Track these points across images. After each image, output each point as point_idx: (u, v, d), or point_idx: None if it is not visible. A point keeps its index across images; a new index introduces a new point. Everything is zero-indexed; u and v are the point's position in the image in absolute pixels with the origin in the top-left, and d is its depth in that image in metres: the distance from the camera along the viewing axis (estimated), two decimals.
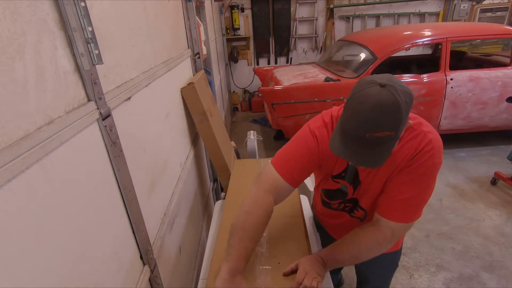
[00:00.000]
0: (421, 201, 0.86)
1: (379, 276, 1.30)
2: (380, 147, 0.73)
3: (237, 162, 1.63)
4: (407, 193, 0.84)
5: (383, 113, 0.69)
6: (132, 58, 0.97)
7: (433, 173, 0.84)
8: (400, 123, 0.70)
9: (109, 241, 0.75)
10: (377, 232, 0.87)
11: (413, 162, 0.83)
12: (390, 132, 0.70)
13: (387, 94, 0.69)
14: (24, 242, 0.48)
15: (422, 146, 0.82)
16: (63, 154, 0.58)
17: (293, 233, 1.08)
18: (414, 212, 0.86)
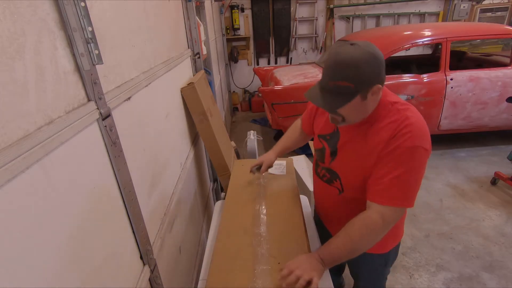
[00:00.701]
0: (405, 183, 0.85)
1: (368, 278, 1.30)
2: (338, 96, 0.83)
3: (237, 162, 1.63)
4: (390, 174, 0.86)
5: (344, 64, 0.80)
6: (132, 58, 0.97)
7: (413, 156, 0.84)
8: (358, 77, 0.80)
9: (109, 241, 0.75)
10: (367, 219, 0.88)
11: (391, 144, 0.86)
12: (349, 84, 0.81)
13: (351, 50, 0.80)
14: (24, 242, 0.48)
15: (400, 128, 0.85)
16: (63, 154, 0.58)
17: (293, 233, 1.08)
18: (400, 195, 0.86)
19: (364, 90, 0.83)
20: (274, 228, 1.10)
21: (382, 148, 0.87)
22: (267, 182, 1.38)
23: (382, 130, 0.89)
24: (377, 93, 0.87)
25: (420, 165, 0.85)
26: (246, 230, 1.09)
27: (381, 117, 0.91)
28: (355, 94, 0.82)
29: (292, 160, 1.58)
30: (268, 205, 1.23)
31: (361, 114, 0.91)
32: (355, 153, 0.96)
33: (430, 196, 2.72)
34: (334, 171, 1.05)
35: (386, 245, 1.15)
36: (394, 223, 0.89)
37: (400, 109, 0.89)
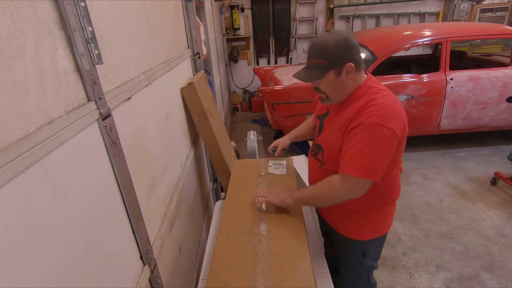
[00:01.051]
0: (364, 156, 0.95)
1: (346, 265, 1.34)
2: (315, 71, 1.02)
3: (237, 162, 1.63)
4: (352, 148, 0.97)
5: (318, 45, 1.01)
6: (132, 58, 0.97)
7: (373, 132, 0.94)
8: (329, 55, 0.98)
9: (109, 241, 0.75)
10: (332, 178, 1.03)
11: (355, 121, 0.98)
12: (322, 60, 0.99)
13: (325, 35, 1.00)
14: (24, 242, 0.48)
15: (365, 107, 0.98)
16: (63, 154, 0.58)
17: (293, 233, 1.08)
18: (359, 166, 0.95)
19: (337, 66, 0.99)
20: (274, 227, 1.10)
21: (348, 124, 1.00)
22: (267, 182, 1.39)
23: (354, 107, 1.01)
24: (352, 72, 1.01)
25: (382, 142, 0.95)
26: (246, 230, 1.09)
27: (357, 98, 1.03)
28: (329, 69, 0.99)
29: (292, 160, 1.58)
30: (268, 204, 1.23)
31: (340, 91, 1.05)
32: (333, 128, 1.09)
33: (430, 196, 2.72)
34: (319, 145, 1.18)
35: (363, 233, 1.20)
36: (355, 193, 1.00)
37: (374, 92, 1.01)
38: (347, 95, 1.06)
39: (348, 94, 1.06)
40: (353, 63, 0.99)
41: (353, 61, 0.99)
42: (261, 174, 1.45)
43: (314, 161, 1.23)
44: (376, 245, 1.26)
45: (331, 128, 1.10)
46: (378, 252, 1.30)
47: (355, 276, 1.33)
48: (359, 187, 0.99)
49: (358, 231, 1.21)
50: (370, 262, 1.29)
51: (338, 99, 1.07)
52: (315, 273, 0.95)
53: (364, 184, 0.98)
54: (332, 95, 1.06)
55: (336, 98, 1.07)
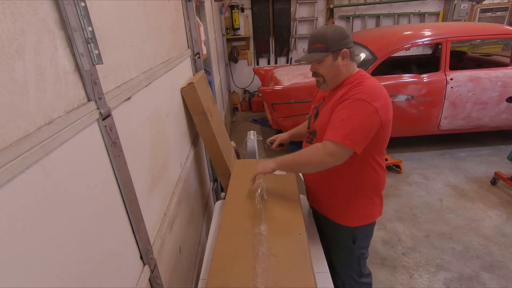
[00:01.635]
0: (348, 125, 1.05)
1: (337, 251, 1.37)
2: (315, 53, 1.16)
3: (237, 162, 1.63)
4: (337, 118, 1.08)
5: (318, 33, 1.16)
6: (132, 58, 0.97)
7: (358, 105, 1.05)
8: (327, 40, 1.12)
9: (109, 241, 0.75)
10: (315, 144, 1.14)
11: (343, 98, 1.10)
12: (321, 45, 1.14)
13: (323, 26, 1.19)
14: (24, 242, 0.48)
15: (352, 87, 1.11)
16: (63, 154, 0.58)
17: (293, 233, 1.08)
18: (342, 133, 1.04)
19: (334, 51, 1.13)
20: (274, 227, 1.10)
21: (338, 101, 1.11)
22: (267, 182, 1.38)
23: (344, 89, 1.13)
24: (347, 58, 1.15)
25: (365, 115, 1.05)
26: (246, 230, 1.09)
27: (349, 84, 1.15)
28: (327, 51, 1.13)
29: None
30: (268, 204, 1.23)
31: (336, 75, 1.17)
32: (326, 109, 1.20)
33: (430, 196, 2.72)
34: (314, 130, 1.27)
35: (352, 219, 1.26)
36: (334, 158, 1.07)
37: (364, 79, 1.14)
38: (341, 80, 1.18)
39: (342, 80, 1.18)
40: (348, 50, 1.14)
41: (348, 48, 1.14)
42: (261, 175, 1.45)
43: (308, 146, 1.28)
44: (365, 233, 1.32)
45: (325, 111, 1.20)
46: (367, 241, 1.36)
47: (347, 264, 1.38)
48: (339, 153, 1.06)
49: (348, 217, 1.27)
50: (360, 250, 1.34)
51: (333, 83, 1.19)
52: (315, 273, 0.95)
53: (344, 151, 1.06)
54: (329, 78, 1.18)
55: (331, 82, 1.19)
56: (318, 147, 1.10)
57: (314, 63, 1.19)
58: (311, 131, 1.31)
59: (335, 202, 1.28)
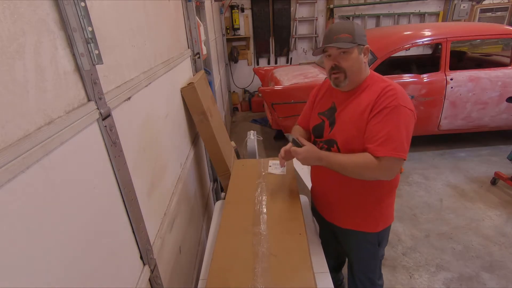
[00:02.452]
0: (396, 137, 1.01)
1: (361, 257, 1.34)
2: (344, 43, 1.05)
3: (237, 162, 1.63)
4: (382, 131, 1.02)
5: (342, 24, 1.08)
6: (132, 58, 0.97)
7: (400, 113, 1.01)
8: (353, 30, 1.05)
9: (109, 241, 0.75)
10: (366, 157, 1.05)
11: (379, 105, 1.03)
12: (349, 35, 1.05)
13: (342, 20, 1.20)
14: (24, 242, 0.48)
15: (385, 91, 1.04)
16: (63, 154, 0.58)
17: (293, 233, 1.08)
18: (392, 146, 1.00)
19: (359, 43, 1.06)
20: (274, 227, 1.10)
21: (371, 109, 1.05)
22: (267, 181, 1.39)
23: (370, 93, 1.08)
24: (367, 54, 1.10)
25: (407, 121, 1.02)
26: (246, 230, 1.09)
27: (369, 86, 1.10)
28: (354, 43, 1.05)
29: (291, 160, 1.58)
30: (268, 204, 1.23)
31: (358, 72, 1.10)
32: (350, 116, 1.12)
33: (430, 196, 2.72)
34: (332, 139, 1.18)
35: (378, 225, 1.23)
36: (391, 173, 1.04)
37: (385, 80, 1.10)
38: (360, 79, 1.11)
39: (360, 80, 1.11)
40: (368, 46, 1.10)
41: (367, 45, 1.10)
42: (261, 174, 1.45)
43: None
44: (386, 232, 1.30)
45: (347, 118, 1.12)
46: (387, 239, 1.34)
47: (371, 268, 1.35)
48: (396, 167, 1.03)
49: (373, 224, 1.22)
50: (382, 250, 1.33)
51: (354, 81, 1.11)
52: (315, 273, 0.95)
53: (398, 163, 1.03)
54: (351, 73, 1.09)
55: (353, 78, 1.10)
56: (373, 164, 1.02)
57: (337, 55, 1.07)
58: (325, 140, 1.20)
59: (362, 213, 1.21)
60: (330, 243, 1.53)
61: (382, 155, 1.01)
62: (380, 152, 1.01)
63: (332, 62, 1.10)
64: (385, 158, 1.01)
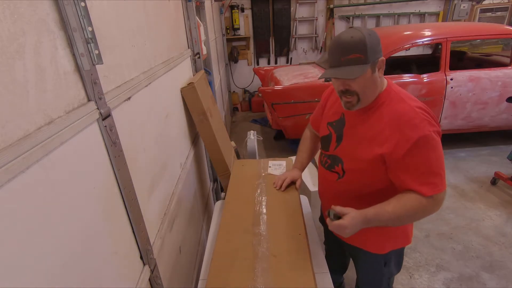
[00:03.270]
0: (435, 170, 0.91)
1: (366, 273, 1.31)
2: (354, 66, 0.90)
3: (237, 162, 1.63)
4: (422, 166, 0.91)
5: (351, 40, 0.89)
6: (132, 58, 0.97)
7: (433, 142, 0.90)
8: (365, 47, 0.88)
9: (109, 241, 0.75)
10: (414, 199, 0.93)
11: (408, 140, 0.90)
12: (360, 55, 0.89)
13: (352, 30, 0.91)
14: (24, 242, 0.48)
15: (406, 118, 0.92)
16: (63, 154, 0.58)
17: (293, 233, 1.08)
18: (437, 181, 0.91)
19: (372, 61, 0.91)
20: (274, 227, 1.10)
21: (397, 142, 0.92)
22: (267, 182, 1.39)
23: (385, 116, 0.96)
24: (382, 67, 0.95)
25: (439, 147, 0.92)
26: (246, 230, 1.09)
27: (385, 103, 0.97)
28: (367, 63, 0.90)
29: (291, 160, 1.58)
30: (268, 205, 1.23)
31: (373, 91, 0.97)
32: (360, 137, 1.01)
33: None
34: (337, 156, 1.09)
35: (384, 246, 1.16)
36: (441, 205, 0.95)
37: (404, 100, 0.96)
38: (374, 97, 0.98)
39: (374, 96, 0.98)
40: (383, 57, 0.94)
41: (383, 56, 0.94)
42: (261, 175, 1.45)
43: (328, 174, 1.14)
44: (397, 254, 1.22)
45: (357, 139, 1.02)
46: (400, 260, 1.25)
47: (375, 284, 1.29)
48: (443, 200, 0.95)
49: (378, 245, 1.16)
50: (392, 270, 1.25)
51: (368, 101, 0.99)
52: (315, 273, 0.95)
53: (445, 195, 0.95)
54: (365, 96, 0.96)
55: (367, 100, 0.98)
56: (428, 205, 0.92)
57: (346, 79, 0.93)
58: (330, 155, 1.12)
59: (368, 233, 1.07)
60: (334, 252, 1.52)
61: (431, 194, 0.91)
62: (428, 191, 0.91)
63: (342, 86, 0.96)
64: (435, 196, 0.92)
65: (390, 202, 0.95)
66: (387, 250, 1.16)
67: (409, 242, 1.17)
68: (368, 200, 1.02)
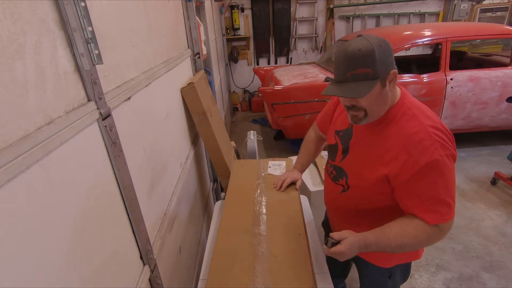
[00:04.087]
0: (445, 198, 0.85)
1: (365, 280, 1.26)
2: (360, 84, 0.82)
3: (237, 162, 1.63)
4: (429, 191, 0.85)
5: (358, 53, 0.80)
6: (132, 58, 0.97)
7: (444, 168, 0.82)
8: (375, 62, 0.80)
9: (109, 241, 0.75)
10: (427, 226, 0.87)
11: (415, 163, 0.83)
12: (368, 70, 0.81)
13: (360, 40, 0.82)
14: (24, 242, 0.48)
15: (416, 139, 0.84)
16: (63, 154, 0.58)
17: (293, 233, 1.08)
18: (445, 210, 0.85)
19: (382, 76, 0.83)
20: (274, 227, 1.10)
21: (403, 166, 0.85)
22: (267, 182, 1.38)
23: (395, 134, 0.88)
24: (394, 81, 0.86)
25: (452, 173, 0.84)
26: (246, 230, 1.09)
27: (396, 119, 0.89)
28: (376, 79, 0.82)
29: (291, 160, 1.58)
30: (268, 205, 1.23)
31: (382, 107, 0.89)
32: (366, 153, 0.95)
33: None
34: (342, 169, 1.05)
35: (389, 260, 1.12)
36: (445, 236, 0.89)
37: (416, 114, 0.88)
38: (384, 111, 0.91)
39: (385, 110, 0.91)
40: (395, 70, 0.85)
41: (395, 68, 0.85)
42: (261, 175, 1.45)
43: (333, 185, 1.10)
44: (402, 269, 1.16)
45: (362, 156, 0.97)
46: (406, 272, 1.20)
47: None
48: (449, 229, 0.89)
49: (384, 259, 1.11)
50: (397, 281, 1.19)
51: (376, 116, 0.91)
52: (315, 273, 0.95)
53: (452, 224, 0.89)
54: (373, 112, 0.89)
55: (375, 116, 0.91)
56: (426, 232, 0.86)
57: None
58: (336, 166, 1.08)
59: None
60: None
61: (439, 223, 0.86)
62: (433, 220, 0.86)
63: (348, 102, 0.90)
64: (442, 224, 0.86)
65: (392, 227, 0.89)
66: (393, 264, 1.11)
67: (418, 257, 1.11)
68: (373, 215, 1.00)
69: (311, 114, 3.15)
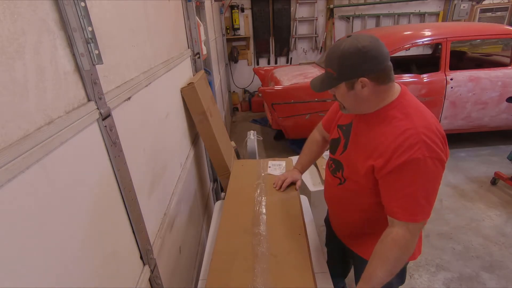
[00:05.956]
0: (419, 199, 0.85)
1: None
2: (325, 80, 0.93)
3: (237, 162, 1.63)
4: (404, 190, 0.85)
5: (332, 53, 0.88)
6: (132, 58, 0.97)
7: (425, 168, 0.83)
8: (339, 67, 0.87)
9: (109, 241, 0.75)
10: (396, 235, 0.87)
11: (397, 157, 0.84)
12: (333, 71, 0.89)
13: (342, 42, 0.87)
14: (24, 242, 0.48)
15: (403, 137, 0.85)
16: (63, 154, 0.58)
17: (293, 233, 1.08)
18: (418, 210, 0.85)
19: (347, 80, 0.88)
20: (274, 227, 1.10)
21: (389, 159, 0.86)
22: (267, 182, 1.39)
23: (387, 131, 0.89)
24: (368, 87, 0.87)
25: (433, 176, 0.84)
26: (246, 230, 1.09)
27: (390, 117, 0.91)
28: (338, 81, 0.90)
29: (291, 160, 1.58)
30: (268, 205, 1.23)
31: (357, 104, 0.93)
32: (360, 147, 0.98)
33: None
34: (340, 162, 1.07)
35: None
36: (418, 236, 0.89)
37: (410, 113, 0.88)
38: (373, 108, 0.93)
39: (375, 108, 0.93)
40: (369, 77, 0.86)
41: (370, 75, 0.86)
42: (260, 175, 1.45)
43: (332, 178, 1.13)
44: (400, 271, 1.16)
45: (357, 149, 1.00)
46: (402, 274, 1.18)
47: None
48: (422, 226, 0.89)
49: None
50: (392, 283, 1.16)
51: (359, 111, 0.97)
52: (315, 273, 0.95)
53: (425, 222, 0.88)
54: (350, 106, 0.96)
55: (354, 110, 0.97)
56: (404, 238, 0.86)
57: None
58: (335, 159, 1.10)
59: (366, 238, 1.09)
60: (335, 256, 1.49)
61: (407, 221, 0.86)
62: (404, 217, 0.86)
63: (331, 91, 0.97)
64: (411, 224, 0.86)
65: (373, 264, 0.89)
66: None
67: (414, 258, 1.10)
68: (368, 209, 1.01)
69: (311, 114, 3.15)
